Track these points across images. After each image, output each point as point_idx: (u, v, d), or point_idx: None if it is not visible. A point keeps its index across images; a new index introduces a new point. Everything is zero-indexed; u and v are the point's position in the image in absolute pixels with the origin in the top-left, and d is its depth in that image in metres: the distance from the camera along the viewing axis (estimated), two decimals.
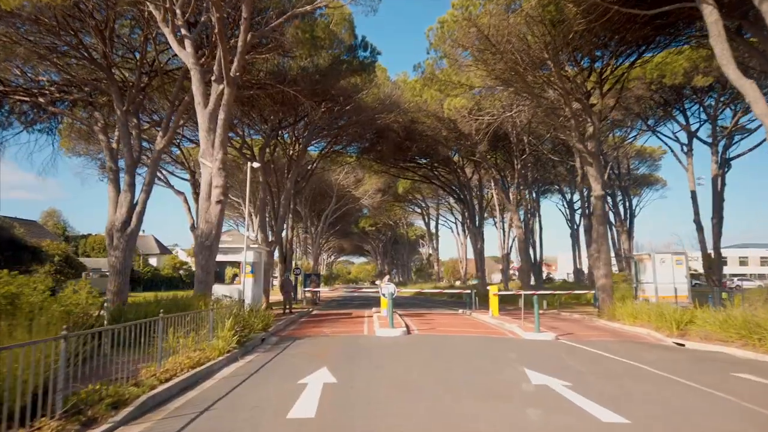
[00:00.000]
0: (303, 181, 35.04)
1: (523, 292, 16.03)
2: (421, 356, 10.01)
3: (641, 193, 49.24)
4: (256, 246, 17.31)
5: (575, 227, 49.69)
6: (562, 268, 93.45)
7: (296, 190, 34.31)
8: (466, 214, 59.13)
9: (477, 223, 39.11)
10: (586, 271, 53.63)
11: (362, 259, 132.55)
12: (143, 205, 19.49)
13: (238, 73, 15.00)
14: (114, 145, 20.40)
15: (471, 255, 68.44)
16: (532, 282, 41.11)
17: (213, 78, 15.83)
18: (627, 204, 39.65)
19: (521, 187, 30.16)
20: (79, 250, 54.37)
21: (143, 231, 70.64)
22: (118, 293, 18.30)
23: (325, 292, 50.87)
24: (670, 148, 31.43)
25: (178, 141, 29.23)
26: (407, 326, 14.65)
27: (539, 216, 42.65)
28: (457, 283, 66.82)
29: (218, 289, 16.65)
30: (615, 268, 42.13)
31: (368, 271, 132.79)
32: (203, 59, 18.29)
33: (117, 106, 19.27)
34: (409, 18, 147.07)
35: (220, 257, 17.24)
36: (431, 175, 40.61)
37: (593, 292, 24.58)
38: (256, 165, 16.75)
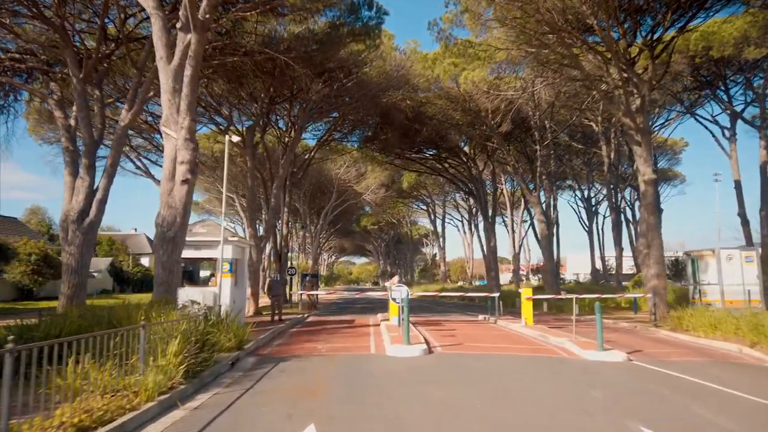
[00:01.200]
0: (300, 171, 31.82)
1: (574, 296, 12.70)
2: (458, 395, 6.68)
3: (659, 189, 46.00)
4: (236, 239, 14.02)
5: (591, 224, 46.57)
6: (570, 269, 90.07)
7: (293, 181, 31.06)
8: (474, 210, 55.81)
9: (489, 218, 35.76)
10: (601, 270, 50.46)
11: (364, 260, 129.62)
12: (105, 191, 16.35)
13: (207, 15, 11.73)
14: (72, 122, 17.24)
15: (477, 255, 65.18)
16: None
17: (178, 26, 12.56)
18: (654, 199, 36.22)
19: (543, 177, 26.87)
20: None
21: (135, 229, 67.55)
22: (73, 297, 15.11)
23: (324, 294, 47.54)
24: (711, 132, 28.21)
25: (158, 125, 25.93)
26: (426, 341, 11.35)
27: (557, 211, 39.25)
28: (460, 284, 63.39)
29: (188, 293, 13.37)
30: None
31: (369, 271, 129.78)
32: (171, 14, 15.10)
33: (72, 72, 16.12)
34: None
35: (190, 253, 13.98)
36: (439, 167, 37.29)
37: (635, 295, 21.17)
38: (235, 139, 13.51)
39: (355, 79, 22.30)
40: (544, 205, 27.32)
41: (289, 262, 32.32)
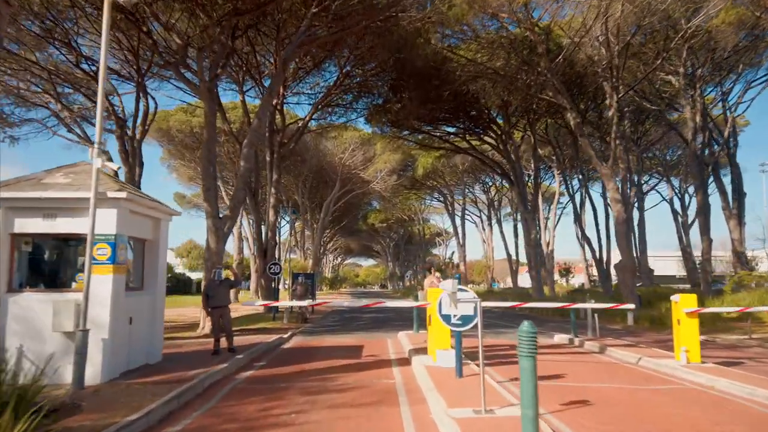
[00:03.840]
0: (291, 142, 24.93)
1: None
2: None
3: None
4: (123, 196, 7.05)
5: (642, 217, 39.36)
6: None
7: (282, 154, 24.14)
8: (497, 203, 48.73)
9: (529, 205, 28.60)
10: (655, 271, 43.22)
11: (371, 262, 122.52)
12: None
13: None
14: None
15: (499, 254, 57.77)
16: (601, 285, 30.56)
17: None
18: (736, 181, 28.90)
19: (617, 143, 19.72)
20: None
21: None
22: None
23: (326, 298, 40.58)
24: None
25: (95, 68, 19.10)
26: None
27: (636, 188, 32.00)
28: (470, 286, 56.03)
29: (24, 303, 6.49)
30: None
31: (377, 273, 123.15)
32: None
33: None
34: None
35: (37, 224, 7.00)
36: (466, 146, 30.15)
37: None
38: None
39: None
40: (619, 180, 20.14)
41: (278, 258, 25.37)
